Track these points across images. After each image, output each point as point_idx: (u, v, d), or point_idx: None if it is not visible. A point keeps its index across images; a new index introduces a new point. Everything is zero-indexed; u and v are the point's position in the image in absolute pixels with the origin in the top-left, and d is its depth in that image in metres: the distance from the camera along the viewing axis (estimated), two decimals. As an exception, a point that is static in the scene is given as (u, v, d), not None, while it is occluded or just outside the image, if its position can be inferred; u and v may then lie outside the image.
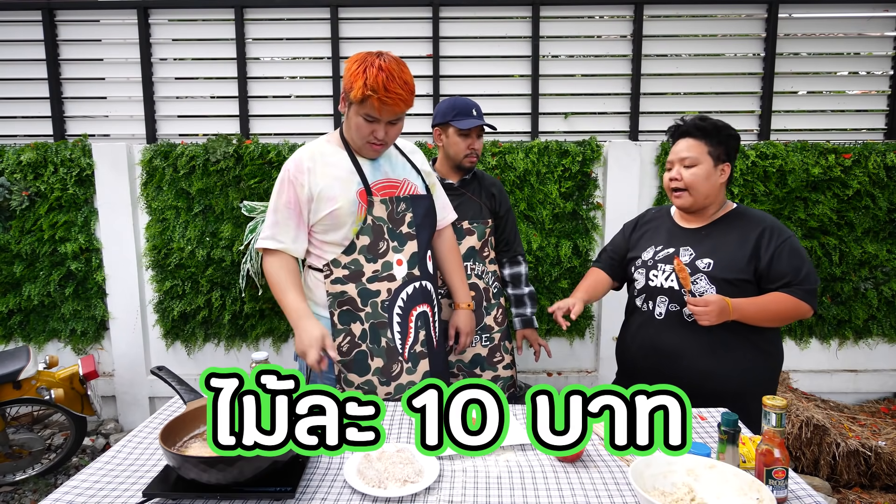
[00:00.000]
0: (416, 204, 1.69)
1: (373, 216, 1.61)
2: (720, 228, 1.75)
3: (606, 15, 3.11)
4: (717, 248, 1.70)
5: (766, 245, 1.66)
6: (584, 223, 3.02)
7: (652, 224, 1.91)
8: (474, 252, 2.15)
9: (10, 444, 2.58)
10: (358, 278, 1.62)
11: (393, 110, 1.53)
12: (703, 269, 1.69)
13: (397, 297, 1.65)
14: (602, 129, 3.13)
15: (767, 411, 1.15)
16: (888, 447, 2.51)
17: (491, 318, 2.19)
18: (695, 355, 1.70)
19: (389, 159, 1.72)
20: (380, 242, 1.63)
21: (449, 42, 3.07)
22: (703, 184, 1.70)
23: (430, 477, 1.16)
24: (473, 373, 2.16)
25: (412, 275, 1.67)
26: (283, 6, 3.05)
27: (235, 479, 1.07)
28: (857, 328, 3.09)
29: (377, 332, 1.64)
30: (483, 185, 2.21)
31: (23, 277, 3.00)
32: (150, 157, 2.95)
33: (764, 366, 1.73)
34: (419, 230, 1.69)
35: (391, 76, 1.49)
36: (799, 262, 1.64)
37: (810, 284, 1.63)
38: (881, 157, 2.92)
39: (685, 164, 1.72)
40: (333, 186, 1.60)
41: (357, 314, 1.64)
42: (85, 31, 3.08)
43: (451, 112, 2.08)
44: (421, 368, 1.70)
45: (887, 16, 3.07)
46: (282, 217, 1.61)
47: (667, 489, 1.12)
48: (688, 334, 1.71)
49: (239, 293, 2.99)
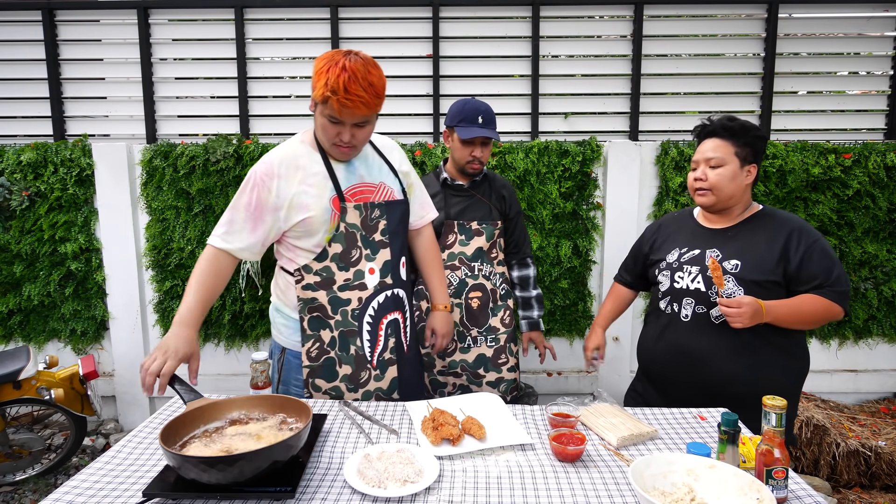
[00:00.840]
0: (391, 210, 1.65)
1: (346, 223, 1.57)
2: (747, 229, 1.72)
3: (606, 15, 3.11)
4: (745, 249, 1.68)
5: (796, 247, 1.64)
6: (584, 223, 3.02)
7: (674, 226, 1.88)
8: (482, 253, 2.15)
9: (10, 444, 2.58)
10: (329, 286, 1.59)
11: (354, 113, 1.46)
12: (731, 271, 1.66)
13: (368, 306, 1.62)
14: (602, 129, 3.13)
15: (767, 411, 1.15)
16: (888, 447, 2.51)
17: (497, 320, 2.19)
18: (721, 358, 1.67)
19: (365, 161, 1.67)
20: (352, 250, 1.59)
21: (449, 42, 3.07)
22: (728, 184, 1.68)
23: (430, 477, 1.16)
24: (477, 373, 2.16)
25: (384, 283, 1.64)
26: (283, 6, 3.05)
27: (235, 479, 1.07)
28: (857, 328, 3.09)
29: (346, 340, 1.62)
30: (494, 186, 2.20)
31: (23, 277, 3.00)
32: (150, 157, 2.95)
33: (790, 369, 1.70)
34: (392, 237, 1.65)
35: (354, 77, 1.42)
36: (830, 263, 1.62)
37: (842, 286, 1.62)
38: (881, 157, 2.92)
39: (711, 165, 1.70)
40: (306, 193, 1.54)
41: (327, 321, 1.61)
42: (85, 31, 3.08)
43: (456, 117, 2.06)
44: (389, 375, 1.68)
45: (887, 16, 3.07)
46: (238, 218, 1.54)
47: (667, 489, 1.12)
48: (715, 337, 1.68)
49: (239, 293, 2.99)
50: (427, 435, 1.33)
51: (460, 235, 2.14)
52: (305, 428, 1.17)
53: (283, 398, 1.34)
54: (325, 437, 1.37)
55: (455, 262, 2.14)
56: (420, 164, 2.91)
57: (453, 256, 2.14)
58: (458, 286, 2.14)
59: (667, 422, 1.49)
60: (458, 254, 2.14)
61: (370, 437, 1.37)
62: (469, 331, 2.16)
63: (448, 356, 2.17)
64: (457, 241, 2.14)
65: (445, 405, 1.53)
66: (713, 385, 1.69)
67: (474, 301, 2.15)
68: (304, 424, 1.18)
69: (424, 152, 2.92)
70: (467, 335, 2.16)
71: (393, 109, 3.11)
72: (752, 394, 1.63)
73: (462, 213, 2.15)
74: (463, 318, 2.15)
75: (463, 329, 2.16)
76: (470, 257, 2.14)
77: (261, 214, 1.54)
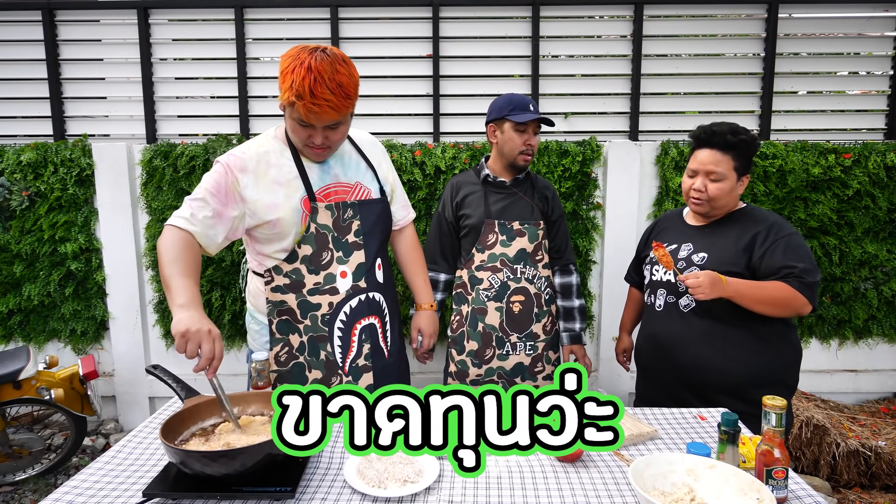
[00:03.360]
0: (366, 210, 1.58)
1: (316, 224, 1.50)
2: (724, 225, 1.77)
3: (606, 15, 3.11)
4: (715, 243, 1.73)
5: (763, 240, 1.67)
6: (584, 223, 3.02)
7: (666, 224, 1.95)
8: (525, 255, 2.07)
9: (10, 444, 2.58)
10: (298, 289, 1.54)
11: (322, 118, 1.37)
12: (697, 262, 1.72)
13: (339, 311, 1.56)
14: (602, 129, 3.13)
15: (767, 411, 1.15)
16: (888, 447, 2.51)
17: (539, 327, 2.10)
18: (689, 345, 1.72)
19: (342, 160, 1.60)
20: (323, 253, 1.53)
21: (449, 42, 3.07)
22: (725, 197, 1.72)
23: (430, 477, 1.16)
24: (514, 382, 2.08)
25: (357, 287, 1.58)
26: (283, 6, 3.05)
27: (237, 471, 1.07)
28: (857, 328, 3.08)
29: (316, 345, 1.57)
30: (536, 186, 2.14)
31: (23, 277, 3.00)
32: (150, 158, 2.95)
33: (770, 359, 1.70)
34: (367, 238, 1.58)
35: (320, 79, 1.32)
36: (796, 256, 1.64)
37: (809, 278, 1.62)
38: (881, 157, 2.92)
39: (711, 178, 1.71)
40: (277, 193, 1.48)
41: (296, 325, 1.56)
42: (85, 31, 3.08)
43: (507, 107, 2.00)
44: (363, 382, 1.62)
45: (887, 16, 3.07)
46: (204, 201, 1.41)
47: (667, 489, 1.12)
48: (683, 324, 1.74)
49: (239, 293, 2.99)
50: (427, 435, 1.33)
51: (501, 236, 2.06)
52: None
53: None
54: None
55: (496, 263, 2.05)
56: (420, 165, 2.91)
57: (494, 258, 2.06)
58: (499, 289, 2.05)
59: (667, 422, 1.49)
60: (499, 255, 2.05)
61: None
62: (508, 336, 2.06)
63: (485, 363, 2.08)
64: (498, 242, 2.06)
65: (445, 405, 1.53)
66: (686, 372, 1.74)
67: (515, 305, 2.06)
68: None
69: (424, 152, 2.92)
70: (506, 341, 2.07)
71: (393, 109, 3.11)
72: (729, 384, 1.68)
73: (503, 212, 2.07)
74: (503, 322, 2.06)
75: (502, 334, 2.06)
76: (512, 259, 2.05)
77: (226, 200, 1.43)
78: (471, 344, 2.08)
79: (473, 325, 2.08)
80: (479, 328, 2.07)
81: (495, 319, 2.06)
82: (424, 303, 1.87)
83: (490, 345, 2.06)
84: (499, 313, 2.06)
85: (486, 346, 2.06)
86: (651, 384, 1.89)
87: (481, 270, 2.07)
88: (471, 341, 2.08)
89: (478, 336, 2.07)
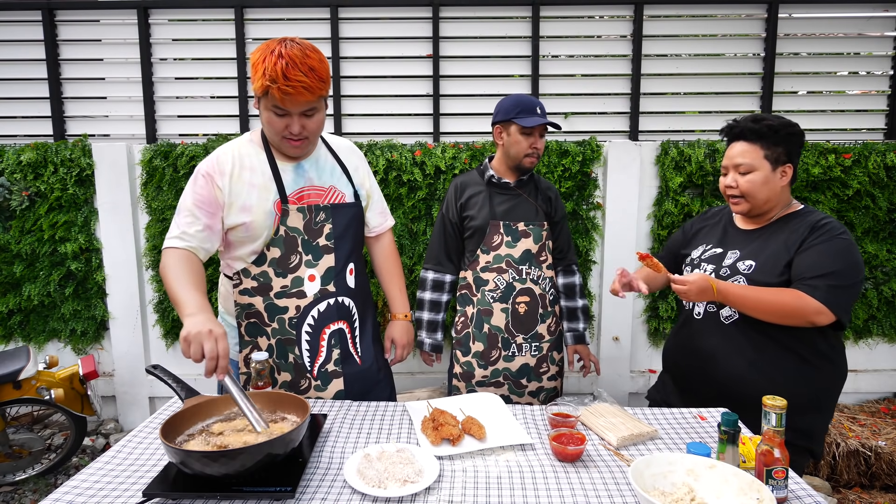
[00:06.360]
0: (338, 213, 1.58)
1: (286, 226, 1.51)
2: (774, 229, 1.63)
3: (606, 15, 3.11)
4: (763, 250, 1.60)
5: (800, 243, 1.54)
6: (585, 223, 3.02)
7: (711, 221, 1.84)
8: (530, 255, 2.06)
9: (10, 444, 2.58)
10: (266, 292, 1.54)
11: (297, 100, 1.39)
12: (743, 272, 1.60)
13: (307, 315, 1.55)
14: (602, 129, 3.13)
15: (767, 411, 1.15)
16: (888, 447, 2.51)
17: (544, 327, 2.10)
18: (727, 357, 1.63)
19: (317, 163, 1.60)
20: (291, 256, 1.52)
21: (449, 42, 3.07)
22: (760, 189, 1.59)
23: (430, 477, 1.16)
24: (520, 383, 2.08)
25: (326, 291, 1.57)
26: (283, 6, 3.05)
27: (237, 471, 1.07)
28: (857, 328, 3.08)
29: (284, 348, 1.57)
30: (539, 187, 2.15)
31: (23, 277, 3.00)
32: (150, 157, 2.95)
33: (808, 378, 1.59)
34: (338, 242, 1.57)
35: (292, 63, 1.36)
36: (828, 261, 1.48)
37: (833, 281, 1.46)
38: (881, 157, 2.92)
39: (740, 171, 1.61)
40: (250, 195, 1.49)
41: (264, 328, 1.56)
42: (85, 31, 3.08)
43: (514, 109, 2.00)
44: (333, 387, 1.61)
45: (887, 16, 3.07)
46: (193, 216, 1.46)
47: (667, 489, 1.12)
48: (723, 335, 1.65)
49: (239, 293, 2.99)
50: (427, 435, 1.33)
51: (506, 237, 2.05)
52: (304, 422, 1.19)
53: (280, 394, 1.35)
54: (325, 436, 1.37)
55: (501, 264, 2.05)
56: (420, 165, 2.91)
57: (499, 259, 2.05)
58: (504, 290, 2.05)
59: (667, 422, 1.49)
60: (504, 256, 2.05)
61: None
62: (514, 337, 2.06)
63: (491, 364, 2.06)
64: (503, 243, 2.05)
65: (445, 405, 1.53)
66: (724, 385, 1.64)
67: (521, 306, 2.05)
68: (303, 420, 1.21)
69: (424, 152, 2.92)
70: (512, 342, 2.06)
71: (393, 109, 3.11)
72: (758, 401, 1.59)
73: (508, 213, 2.07)
74: (508, 323, 2.05)
75: (508, 335, 2.05)
76: (517, 260, 2.05)
77: (214, 209, 1.48)
78: (476, 345, 2.08)
79: (479, 327, 2.07)
80: (484, 329, 2.06)
81: (501, 321, 2.05)
82: (399, 313, 1.85)
83: (496, 346, 2.06)
84: (504, 314, 2.05)
85: (492, 347, 2.06)
86: (680, 391, 1.79)
87: (487, 271, 2.06)
88: (476, 342, 2.08)
89: (483, 337, 2.07)
